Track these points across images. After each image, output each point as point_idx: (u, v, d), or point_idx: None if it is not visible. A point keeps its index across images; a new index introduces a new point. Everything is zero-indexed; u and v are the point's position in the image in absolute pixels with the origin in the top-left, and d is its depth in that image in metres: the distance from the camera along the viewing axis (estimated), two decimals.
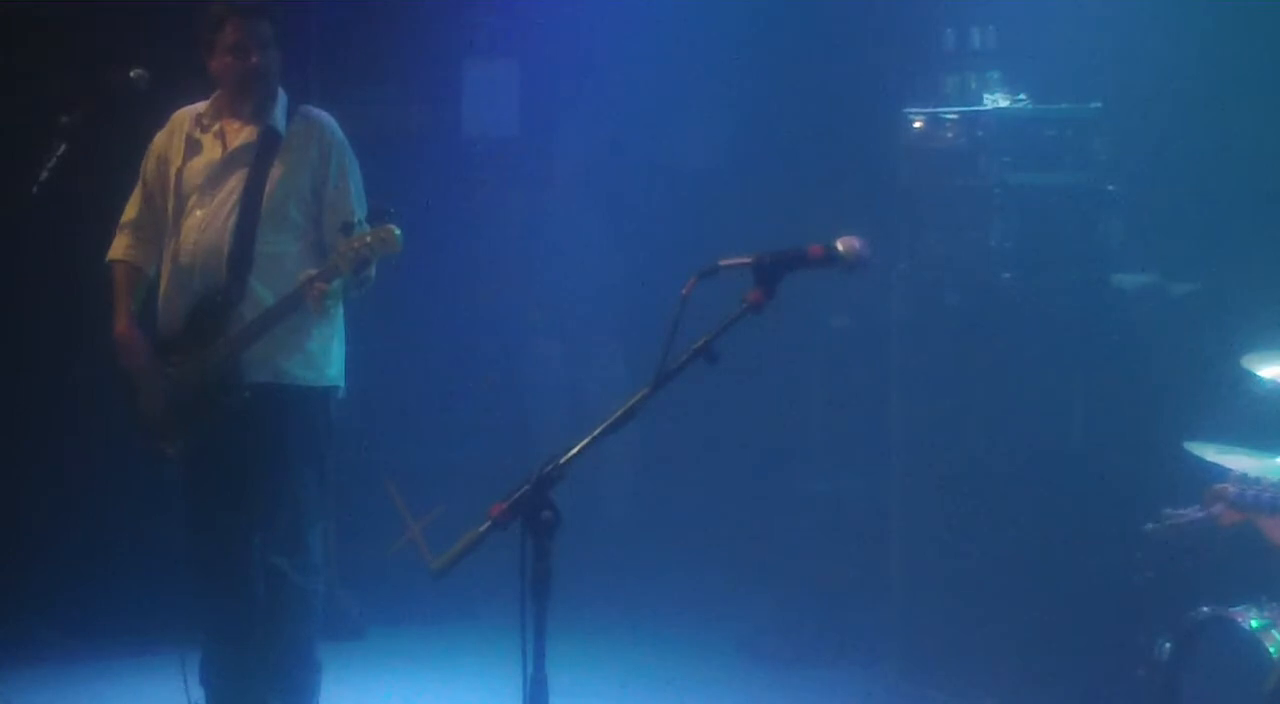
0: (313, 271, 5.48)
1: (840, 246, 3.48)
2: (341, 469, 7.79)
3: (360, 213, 5.67)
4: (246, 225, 5.61)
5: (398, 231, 5.44)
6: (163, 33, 6.48)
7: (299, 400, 5.67)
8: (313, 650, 5.79)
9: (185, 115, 5.80)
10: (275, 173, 5.65)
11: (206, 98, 5.80)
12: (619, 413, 3.35)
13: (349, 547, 7.72)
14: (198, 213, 5.67)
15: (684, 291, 3.32)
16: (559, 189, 8.91)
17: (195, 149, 5.74)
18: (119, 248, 5.84)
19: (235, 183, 5.66)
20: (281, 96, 5.75)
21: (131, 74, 5.63)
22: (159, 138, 5.83)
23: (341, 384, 5.79)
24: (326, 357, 5.72)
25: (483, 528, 3.28)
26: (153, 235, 5.81)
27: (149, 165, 5.83)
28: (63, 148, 5.46)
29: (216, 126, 5.74)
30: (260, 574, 5.70)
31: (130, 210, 5.86)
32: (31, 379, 7.41)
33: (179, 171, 5.73)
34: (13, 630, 6.92)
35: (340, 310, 5.74)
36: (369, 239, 5.42)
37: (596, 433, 3.34)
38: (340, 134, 5.77)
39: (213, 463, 5.68)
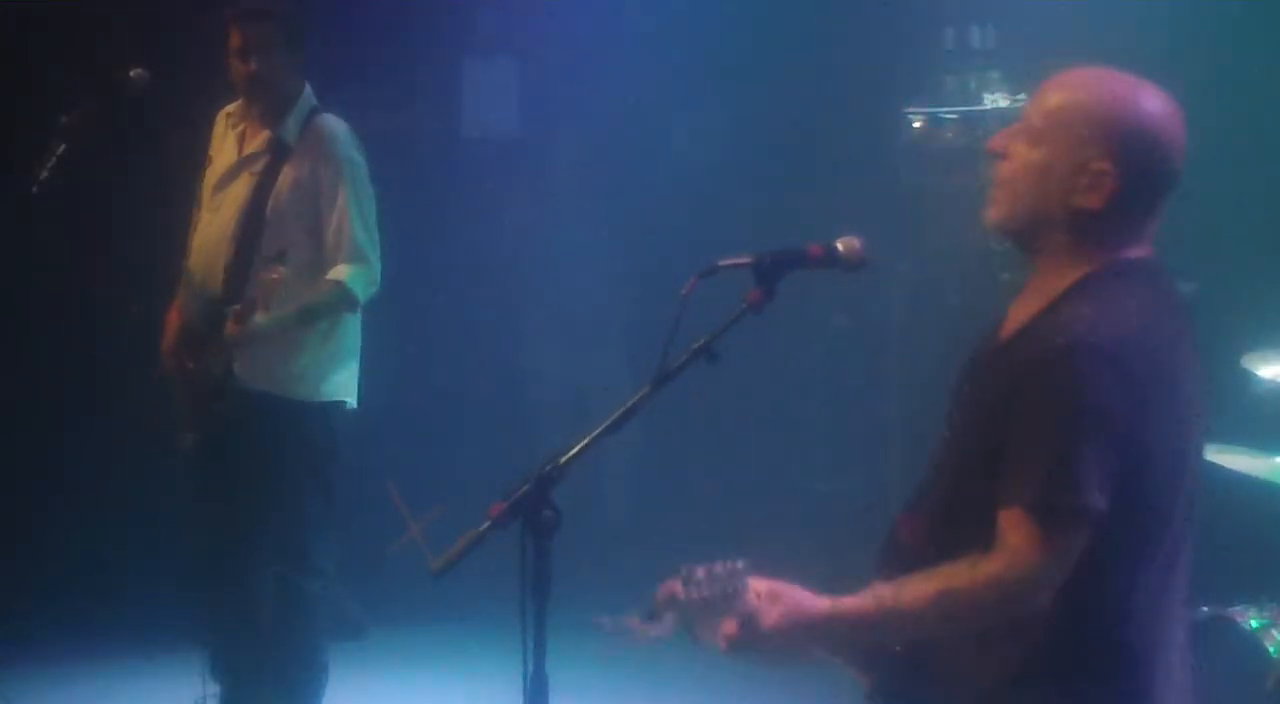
0: (237, 306, 5.40)
1: (840, 246, 3.46)
2: (341, 470, 7.80)
3: (361, 232, 5.56)
4: (247, 236, 5.57)
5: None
6: (163, 33, 6.48)
7: (294, 414, 5.63)
8: (317, 652, 5.80)
9: (222, 114, 5.78)
10: (279, 185, 5.58)
11: (225, 98, 5.80)
12: (619, 413, 3.34)
13: (349, 547, 7.71)
14: (205, 216, 5.67)
15: (684, 291, 3.30)
16: (559, 189, 8.90)
17: (219, 150, 5.73)
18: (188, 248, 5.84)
19: (239, 191, 5.62)
20: (304, 102, 5.65)
21: (131, 74, 5.62)
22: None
23: (347, 399, 5.72)
24: (320, 372, 5.65)
25: (483, 528, 3.27)
26: None
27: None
28: (63, 148, 5.46)
29: (240, 128, 5.72)
30: (264, 574, 5.71)
31: None
32: (33, 379, 7.41)
33: (208, 171, 5.73)
34: (16, 631, 6.91)
35: (347, 326, 5.68)
36: (275, 277, 5.31)
37: (597, 433, 3.32)
38: (347, 148, 5.61)
39: (214, 462, 5.68)
